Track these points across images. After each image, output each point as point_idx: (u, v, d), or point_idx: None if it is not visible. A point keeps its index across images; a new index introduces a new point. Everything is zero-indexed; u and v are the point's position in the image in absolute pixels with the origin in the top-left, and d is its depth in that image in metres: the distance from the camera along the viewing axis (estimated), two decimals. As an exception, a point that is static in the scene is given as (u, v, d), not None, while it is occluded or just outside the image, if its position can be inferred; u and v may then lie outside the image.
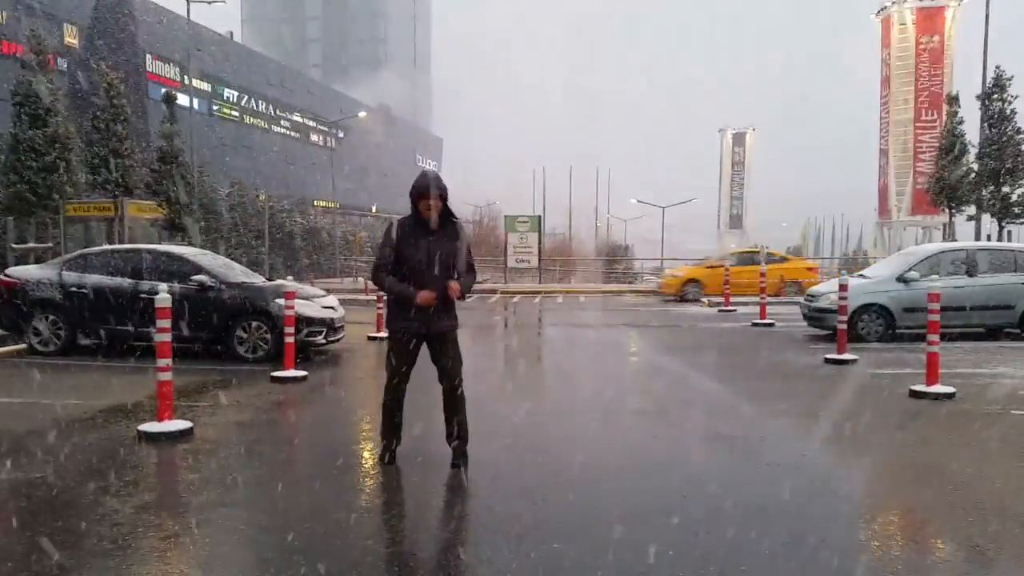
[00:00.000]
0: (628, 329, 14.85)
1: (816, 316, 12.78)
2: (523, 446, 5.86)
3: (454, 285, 4.87)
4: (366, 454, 5.64)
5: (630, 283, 34.86)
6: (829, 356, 10.08)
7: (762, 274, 16.67)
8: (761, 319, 15.25)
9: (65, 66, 37.80)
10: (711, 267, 22.42)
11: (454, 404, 5.12)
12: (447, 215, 4.98)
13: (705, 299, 21.36)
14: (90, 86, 26.79)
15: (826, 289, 12.90)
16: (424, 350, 5.12)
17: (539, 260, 28.45)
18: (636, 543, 3.85)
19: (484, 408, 5.53)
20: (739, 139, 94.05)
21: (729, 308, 18.37)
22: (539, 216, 30.53)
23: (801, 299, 14.11)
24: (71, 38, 41.19)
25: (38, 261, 12.13)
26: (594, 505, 4.48)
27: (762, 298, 15.93)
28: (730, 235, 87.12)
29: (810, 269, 23.11)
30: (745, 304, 18.86)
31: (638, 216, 68.16)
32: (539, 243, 28.36)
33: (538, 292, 25.81)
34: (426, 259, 4.88)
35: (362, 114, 59.08)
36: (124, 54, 41.84)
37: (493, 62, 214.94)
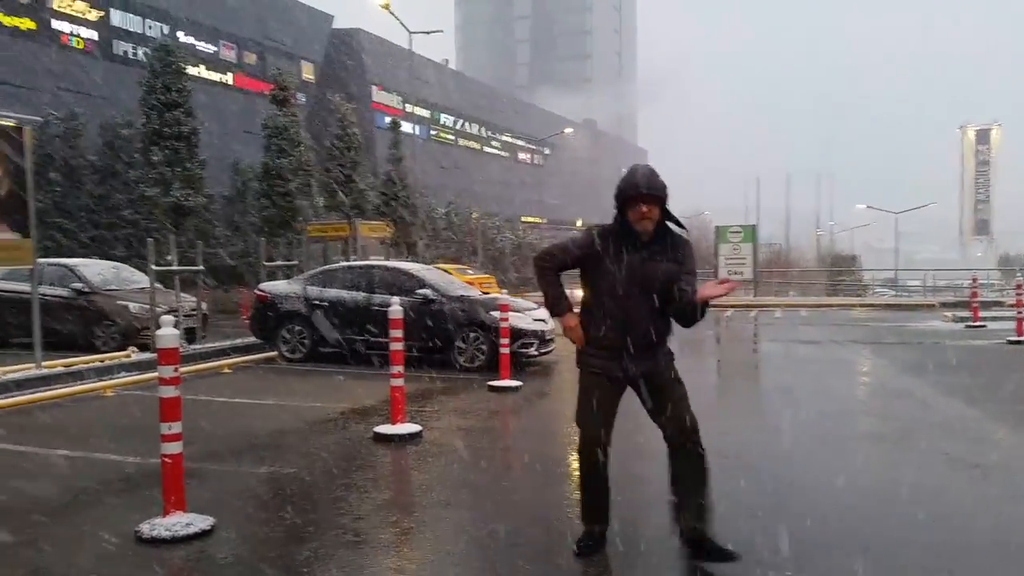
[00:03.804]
0: (859, 346, 13.74)
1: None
2: (740, 466, 5.58)
3: (709, 291, 3.57)
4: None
5: (858, 296, 32.39)
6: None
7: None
8: (1018, 335, 13.51)
9: (303, 99, 42.11)
10: None
11: (689, 464, 3.70)
12: (666, 225, 3.70)
13: (949, 313, 19.35)
14: (325, 117, 29.60)
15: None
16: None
17: (754, 272, 27.22)
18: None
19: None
20: (983, 136, 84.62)
21: (978, 323, 16.47)
22: (753, 225, 29.26)
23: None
24: (308, 74, 45.82)
25: (285, 277, 13.51)
26: (822, 534, 4.16)
27: (1019, 312, 14.11)
28: (975, 243, 78.36)
29: (481, 282, 19.89)
30: (997, 319, 16.84)
31: (864, 224, 63.39)
32: (754, 254, 27.13)
33: (753, 306, 24.70)
34: (629, 282, 3.61)
35: (568, 131, 60.14)
36: (352, 86, 45.91)
37: (699, 65, 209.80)
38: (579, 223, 64.43)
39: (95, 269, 12.99)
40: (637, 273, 3.62)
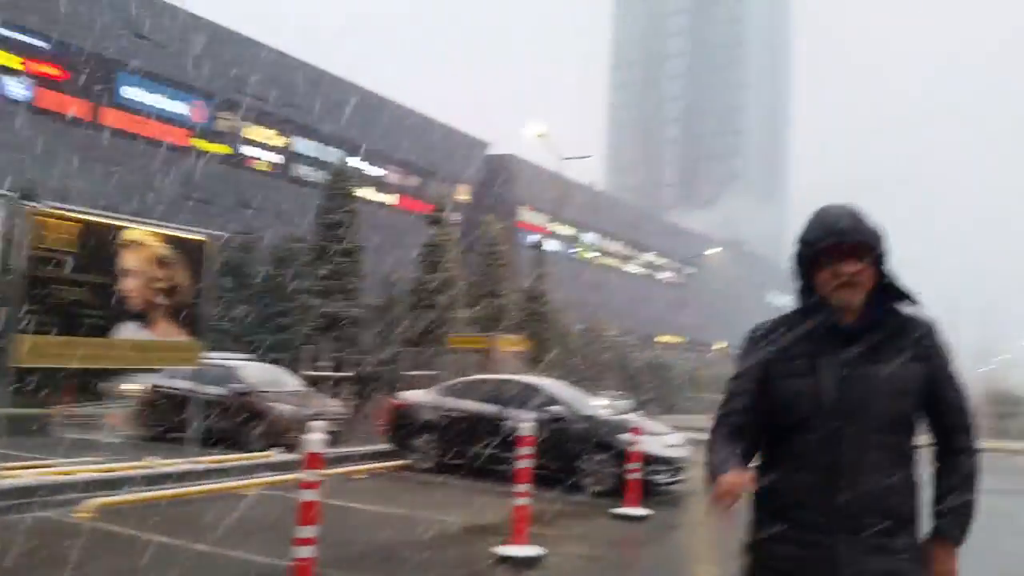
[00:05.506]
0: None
1: None
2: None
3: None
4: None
5: (1032, 440, 29.00)
6: None
7: None
8: None
9: (459, 218, 44.75)
10: None
11: None
12: (883, 295, 2.11)
13: None
14: (475, 233, 31.17)
15: None
16: None
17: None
18: None
19: None
20: None
21: None
22: None
23: None
24: (463, 195, 48.74)
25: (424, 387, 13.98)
26: None
27: None
28: None
29: None
30: None
31: (1041, 359, 57.38)
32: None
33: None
34: (832, 400, 2.03)
35: (712, 251, 59.66)
36: (502, 205, 48.26)
37: (868, 171, 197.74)
38: (715, 346, 62.60)
39: (253, 370, 13.91)
40: (844, 384, 2.04)
